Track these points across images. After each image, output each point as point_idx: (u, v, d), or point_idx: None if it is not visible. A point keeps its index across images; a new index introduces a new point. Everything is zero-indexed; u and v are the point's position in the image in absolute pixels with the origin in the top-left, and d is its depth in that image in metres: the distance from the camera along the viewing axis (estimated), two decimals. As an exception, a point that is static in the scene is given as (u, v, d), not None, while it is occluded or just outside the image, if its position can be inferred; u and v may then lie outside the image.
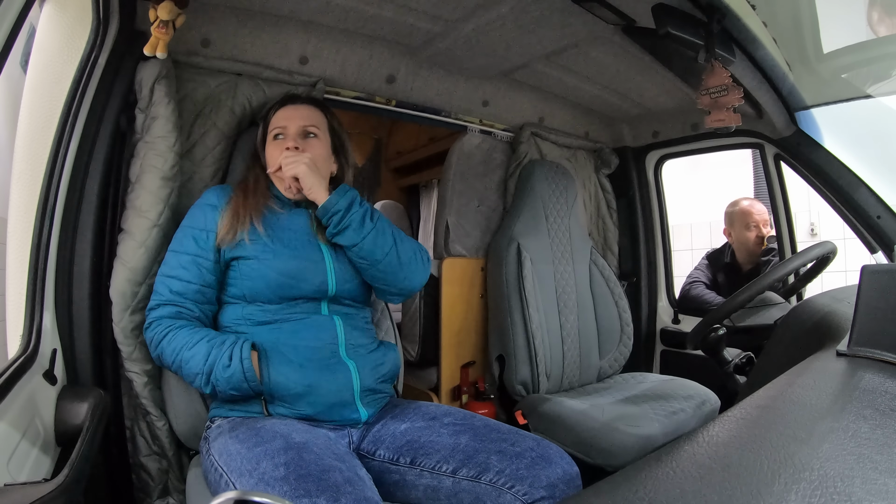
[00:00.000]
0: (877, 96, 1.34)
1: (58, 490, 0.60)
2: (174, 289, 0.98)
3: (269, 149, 1.07)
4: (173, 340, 0.94)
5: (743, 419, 0.49)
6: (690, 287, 2.16)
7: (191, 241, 1.00)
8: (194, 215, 1.03)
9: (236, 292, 1.00)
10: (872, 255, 1.43)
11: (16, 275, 0.89)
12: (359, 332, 1.05)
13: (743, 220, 2.16)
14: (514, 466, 0.82)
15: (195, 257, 0.99)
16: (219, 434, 0.89)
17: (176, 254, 1.00)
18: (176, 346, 0.93)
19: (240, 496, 0.38)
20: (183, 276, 0.98)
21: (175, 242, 1.02)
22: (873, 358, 0.64)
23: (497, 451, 0.85)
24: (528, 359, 1.62)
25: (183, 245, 1.00)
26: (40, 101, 0.93)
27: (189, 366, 0.91)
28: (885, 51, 1.24)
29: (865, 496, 0.34)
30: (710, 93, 1.14)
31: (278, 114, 1.09)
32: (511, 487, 0.81)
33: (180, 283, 0.98)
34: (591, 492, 0.37)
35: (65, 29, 0.94)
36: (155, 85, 1.05)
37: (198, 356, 0.91)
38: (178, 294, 0.97)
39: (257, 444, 0.80)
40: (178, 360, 0.92)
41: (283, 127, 1.07)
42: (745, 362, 1.34)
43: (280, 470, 0.73)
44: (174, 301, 0.97)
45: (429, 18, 1.28)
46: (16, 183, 0.90)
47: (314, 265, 1.01)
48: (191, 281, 0.98)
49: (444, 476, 0.86)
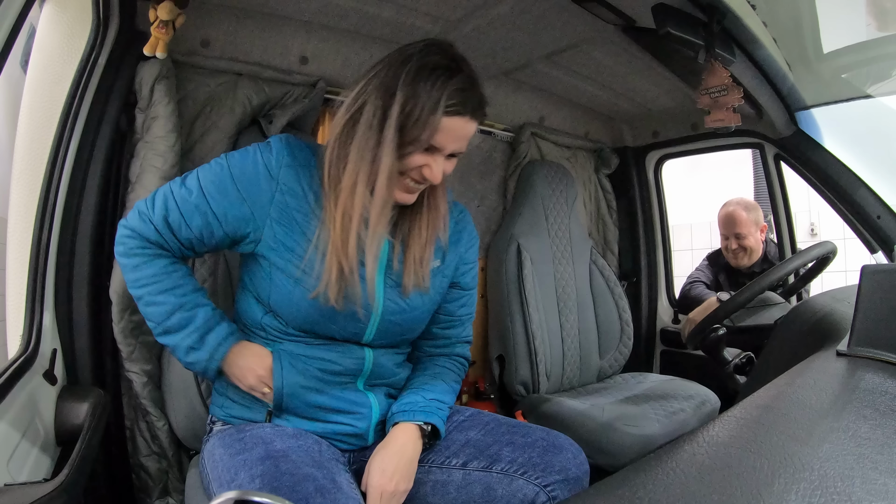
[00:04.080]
0: (877, 96, 1.34)
1: (58, 490, 0.60)
2: (171, 220, 0.79)
3: (420, 157, 0.77)
4: (143, 267, 0.80)
5: (743, 419, 0.49)
6: (691, 287, 2.15)
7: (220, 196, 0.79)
8: (245, 169, 0.80)
9: (259, 292, 0.84)
10: (872, 255, 1.43)
11: (16, 275, 0.89)
12: (388, 366, 0.90)
13: (720, 228, 2.13)
14: (527, 455, 0.83)
15: (212, 215, 0.79)
16: (211, 436, 0.86)
17: (194, 192, 0.79)
18: (143, 276, 0.80)
19: (240, 496, 0.38)
20: (187, 216, 0.79)
21: (201, 177, 0.80)
22: (873, 358, 0.64)
23: (508, 443, 0.84)
24: (528, 359, 1.62)
25: (209, 189, 0.79)
26: (40, 101, 0.93)
27: (150, 308, 0.80)
28: (885, 51, 1.24)
29: (865, 496, 0.34)
30: (710, 93, 1.14)
31: (456, 121, 0.77)
32: (524, 474, 0.81)
33: (180, 217, 0.79)
34: (592, 492, 0.37)
35: (65, 29, 0.94)
36: (155, 85, 1.05)
37: (161, 307, 0.80)
38: (170, 227, 0.80)
39: (239, 451, 0.76)
40: (140, 290, 0.80)
41: (444, 145, 0.78)
42: (745, 362, 1.34)
43: (256, 482, 0.70)
44: (160, 230, 0.80)
45: (429, 18, 1.28)
46: (16, 183, 0.90)
47: (364, 308, 0.82)
48: (191, 227, 0.80)
49: (454, 470, 0.85)
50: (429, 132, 0.75)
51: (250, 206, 0.79)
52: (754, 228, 2.02)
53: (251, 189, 0.79)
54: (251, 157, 0.81)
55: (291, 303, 0.81)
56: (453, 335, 0.97)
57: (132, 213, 0.82)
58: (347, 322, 0.82)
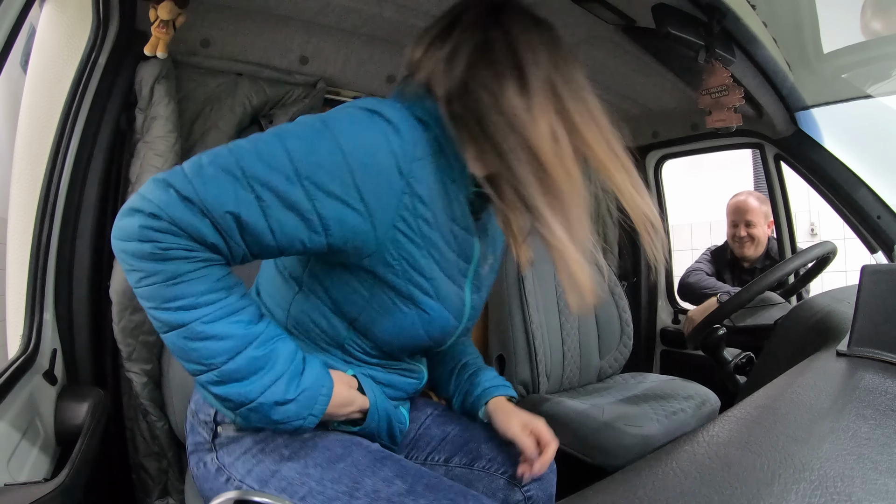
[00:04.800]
0: (877, 96, 1.34)
1: (58, 490, 0.60)
2: (246, 219, 0.53)
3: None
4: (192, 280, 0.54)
5: (743, 419, 0.49)
6: (690, 274, 2.12)
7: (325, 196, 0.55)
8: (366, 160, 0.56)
9: (344, 308, 0.66)
10: (872, 255, 1.43)
11: (16, 275, 0.89)
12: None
13: (730, 216, 2.13)
14: (506, 453, 0.84)
15: (314, 221, 0.56)
16: (243, 451, 0.67)
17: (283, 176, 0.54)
18: (191, 294, 0.54)
19: (240, 496, 0.38)
20: (274, 218, 0.54)
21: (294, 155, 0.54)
22: (873, 358, 0.64)
23: (487, 439, 0.85)
24: (528, 359, 1.62)
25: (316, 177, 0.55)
26: (40, 101, 0.93)
27: (203, 347, 0.55)
28: (885, 51, 1.24)
29: (865, 496, 0.34)
30: (711, 93, 1.14)
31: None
32: (504, 473, 0.82)
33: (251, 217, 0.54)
34: (592, 492, 0.37)
35: (65, 29, 0.94)
36: (155, 85, 1.05)
37: (228, 341, 0.56)
38: (242, 229, 0.54)
39: (333, 459, 0.64)
40: (188, 317, 0.54)
41: None
42: (745, 362, 1.34)
43: (397, 483, 0.61)
44: (224, 230, 0.53)
45: (429, 18, 1.27)
46: (16, 183, 0.90)
47: (458, 319, 0.72)
48: (276, 234, 0.55)
49: (437, 466, 0.86)
50: None
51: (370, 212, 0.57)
52: (763, 220, 2.04)
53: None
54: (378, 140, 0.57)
55: (402, 329, 0.66)
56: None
57: (159, 192, 0.52)
58: (444, 339, 0.72)
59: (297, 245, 0.57)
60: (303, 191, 0.54)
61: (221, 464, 0.68)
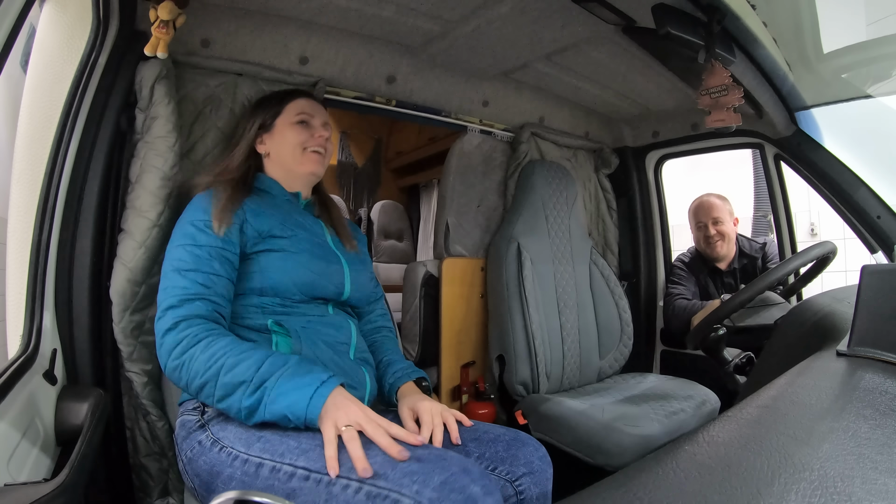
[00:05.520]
0: (877, 96, 1.34)
1: (58, 490, 0.60)
2: (201, 281, 0.84)
3: (292, 131, 1.05)
4: (212, 345, 0.78)
5: (743, 419, 0.49)
6: (673, 304, 2.00)
7: (207, 234, 0.89)
8: (196, 210, 0.93)
9: (251, 286, 0.92)
10: (872, 255, 1.43)
11: (16, 275, 0.89)
12: (362, 340, 1.04)
13: (694, 218, 2.07)
14: (493, 449, 0.85)
15: (220, 249, 0.88)
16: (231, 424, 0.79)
17: (192, 247, 0.87)
18: (215, 352, 0.77)
19: (240, 496, 0.38)
20: (205, 268, 0.85)
21: (183, 237, 0.89)
22: (873, 358, 0.64)
23: (473, 439, 0.87)
24: (528, 359, 1.62)
25: (197, 238, 0.88)
26: (40, 101, 0.93)
27: (232, 373, 0.75)
28: (885, 51, 1.24)
29: (865, 496, 0.34)
30: (711, 93, 1.14)
31: (299, 102, 1.08)
32: (494, 469, 0.84)
33: (206, 275, 0.85)
34: (591, 492, 0.37)
35: (65, 29, 0.94)
36: (155, 85, 1.05)
37: (247, 361, 0.76)
38: (207, 287, 0.84)
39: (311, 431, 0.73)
40: (216, 367, 0.76)
41: (310, 115, 1.07)
42: (745, 362, 1.34)
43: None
44: (205, 295, 0.83)
45: (429, 18, 1.28)
46: (16, 183, 0.90)
47: (336, 268, 1.00)
48: (219, 273, 0.86)
49: None
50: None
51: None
52: (729, 217, 2.02)
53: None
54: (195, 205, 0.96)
55: (287, 271, 0.92)
56: None
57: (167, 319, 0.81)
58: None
59: (226, 250, 0.92)
60: (189, 227, 0.93)
61: (216, 437, 0.79)
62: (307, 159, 1.06)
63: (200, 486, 0.80)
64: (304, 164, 1.06)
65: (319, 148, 1.07)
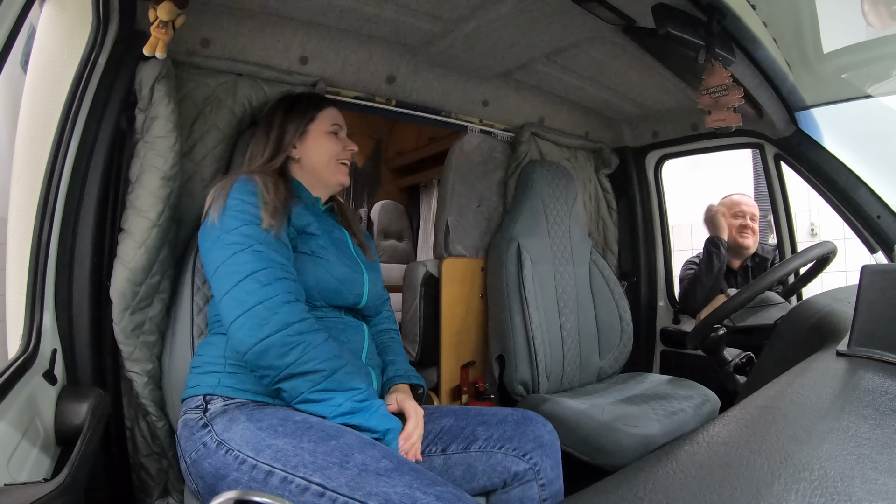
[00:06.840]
0: (877, 96, 1.34)
1: (58, 490, 0.60)
2: (288, 275, 0.87)
3: (327, 141, 1.07)
4: (330, 341, 0.85)
5: (743, 419, 0.49)
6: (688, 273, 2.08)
7: (262, 231, 0.88)
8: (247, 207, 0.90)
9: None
10: (872, 255, 1.43)
11: (16, 275, 0.89)
12: (373, 344, 1.05)
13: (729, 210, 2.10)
14: (501, 430, 0.88)
15: (280, 242, 0.89)
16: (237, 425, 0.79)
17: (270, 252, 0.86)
18: (333, 348, 0.84)
19: (240, 496, 0.38)
20: (284, 264, 0.87)
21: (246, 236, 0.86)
22: (873, 358, 0.64)
23: (481, 423, 0.90)
24: (528, 359, 1.62)
25: (262, 236, 0.87)
26: (40, 101, 0.93)
27: (349, 377, 0.83)
28: (885, 51, 1.24)
29: (865, 496, 0.34)
30: (711, 93, 1.14)
31: (331, 112, 1.10)
32: (501, 448, 0.87)
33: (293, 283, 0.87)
34: (592, 492, 0.37)
35: (65, 29, 0.94)
36: (155, 85, 1.05)
37: (359, 376, 0.85)
38: (293, 280, 0.87)
39: (325, 438, 0.74)
40: (336, 363, 0.82)
41: (340, 127, 1.10)
42: (745, 362, 1.34)
43: (384, 462, 0.70)
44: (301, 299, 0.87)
45: (429, 18, 1.28)
46: (16, 183, 0.90)
47: (358, 277, 1.02)
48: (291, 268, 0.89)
49: (435, 457, 0.90)
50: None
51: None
52: (758, 215, 2.08)
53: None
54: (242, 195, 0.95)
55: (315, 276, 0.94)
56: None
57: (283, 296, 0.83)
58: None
59: (284, 243, 0.93)
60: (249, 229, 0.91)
61: (221, 439, 0.78)
62: (339, 170, 1.09)
63: (204, 489, 0.79)
64: (336, 174, 1.08)
65: (347, 160, 1.10)
